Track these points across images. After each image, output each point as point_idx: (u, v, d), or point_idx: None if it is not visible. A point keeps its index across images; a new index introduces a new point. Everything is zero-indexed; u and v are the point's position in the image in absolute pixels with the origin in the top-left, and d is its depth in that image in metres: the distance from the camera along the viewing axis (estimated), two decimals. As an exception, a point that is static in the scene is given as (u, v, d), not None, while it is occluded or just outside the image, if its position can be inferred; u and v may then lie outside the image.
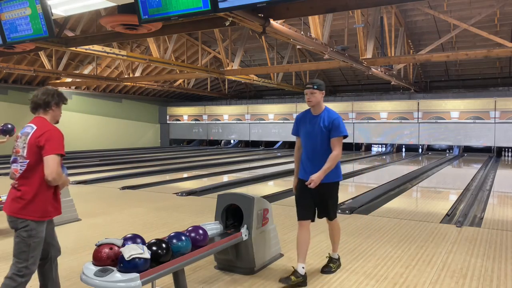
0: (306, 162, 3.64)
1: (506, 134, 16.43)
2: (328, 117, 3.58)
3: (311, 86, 3.57)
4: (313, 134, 3.59)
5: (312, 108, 3.66)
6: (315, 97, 3.58)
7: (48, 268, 2.82)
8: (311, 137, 3.61)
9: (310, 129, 3.63)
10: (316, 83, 3.59)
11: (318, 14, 8.35)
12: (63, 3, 6.41)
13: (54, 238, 2.89)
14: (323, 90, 3.63)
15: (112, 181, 9.65)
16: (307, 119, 3.70)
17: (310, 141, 3.62)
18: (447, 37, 12.86)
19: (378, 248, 4.47)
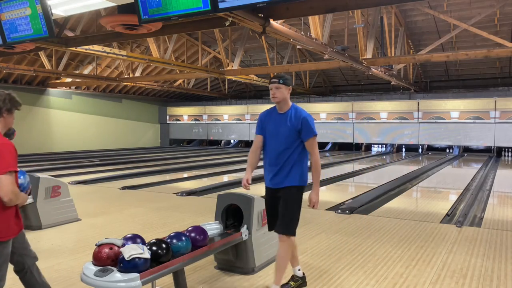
0: (268, 168, 3.27)
1: (506, 134, 16.43)
2: (296, 115, 3.20)
3: (277, 80, 3.21)
4: (278, 135, 3.21)
5: (278, 106, 3.27)
6: (280, 92, 3.20)
7: (29, 276, 2.72)
8: (275, 139, 3.23)
9: (274, 129, 3.25)
10: (282, 77, 3.24)
11: (318, 14, 8.35)
12: (63, 3, 6.41)
13: (27, 247, 2.75)
14: (290, 86, 3.27)
15: (112, 181, 9.65)
16: (272, 117, 3.31)
17: (274, 143, 3.23)
18: (447, 37, 12.85)
19: (378, 248, 4.47)
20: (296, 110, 3.25)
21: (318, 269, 3.82)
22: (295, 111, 3.24)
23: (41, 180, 5.32)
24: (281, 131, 3.21)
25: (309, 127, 3.17)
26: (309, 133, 3.17)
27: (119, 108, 22.19)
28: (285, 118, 3.22)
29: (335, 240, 4.77)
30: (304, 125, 3.16)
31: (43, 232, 5.14)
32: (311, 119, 3.21)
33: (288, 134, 3.18)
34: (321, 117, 20.32)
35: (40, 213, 5.23)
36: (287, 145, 3.19)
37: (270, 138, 3.27)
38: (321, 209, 6.44)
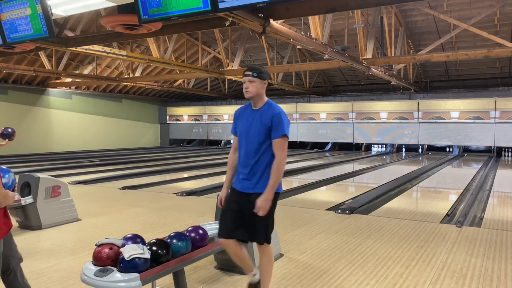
0: (239, 168, 3.00)
1: (506, 134, 16.43)
2: (268, 112, 2.90)
3: (251, 73, 2.92)
4: (248, 133, 2.94)
5: (252, 101, 2.99)
6: (254, 86, 2.91)
7: (12, 278, 2.70)
8: (246, 137, 2.96)
9: (246, 127, 2.97)
10: (256, 70, 2.94)
11: (318, 14, 8.35)
12: (63, 3, 6.42)
13: (13, 249, 2.74)
14: (266, 80, 2.96)
15: (112, 181, 9.65)
16: (245, 114, 3.03)
17: (245, 141, 2.96)
18: (447, 37, 12.86)
19: (378, 248, 4.47)
20: (270, 106, 2.95)
21: (318, 269, 3.82)
22: (268, 107, 2.94)
23: (41, 180, 5.32)
24: (252, 129, 2.92)
25: (279, 124, 2.84)
26: (278, 131, 2.83)
27: (119, 108, 22.19)
28: (258, 115, 2.93)
29: (335, 240, 4.77)
30: (275, 122, 2.84)
31: (43, 232, 5.14)
32: (285, 117, 2.89)
33: (259, 133, 2.88)
34: (321, 117, 20.32)
35: (40, 213, 5.23)
36: (258, 145, 2.89)
37: (241, 137, 3.01)
38: (321, 209, 6.44)
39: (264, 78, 2.95)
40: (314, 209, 6.41)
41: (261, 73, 2.93)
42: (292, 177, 11.17)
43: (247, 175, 2.92)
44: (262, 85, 2.94)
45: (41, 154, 16.79)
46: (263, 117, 2.89)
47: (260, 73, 2.93)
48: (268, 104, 2.96)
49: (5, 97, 17.17)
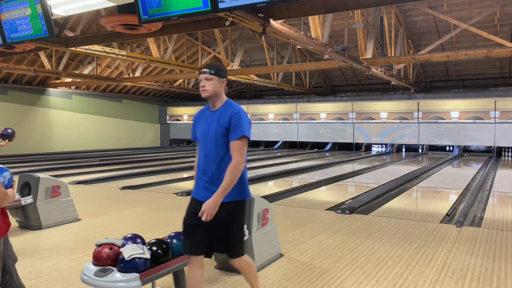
0: (199, 176, 2.76)
1: (506, 134, 16.43)
2: (226, 112, 2.69)
3: (207, 70, 2.71)
4: (207, 137, 2.72)
5: (210, 101, 2.79)
6: (211, 85, 2.70)
7: (8, 278, 2.69)
8: (204, 141, 2.74)
9: (204, 130, 2.75)
10: (214, 67, 2.74)
11: (318, 14, 8.34)
12: (63, 3, 6.42)
13: (9, 249, 2.73)
14: (224, 78, 2.77)
15: (112, 181, 9.65)
16: (203, 117, 2.82)
17: (203, 146, 2.74)
18: (447, 37, 12.86)
19: (378, 248, 4.47)
20: (228, 106, 2.74)
21: (318, 269, 3.82)
22: (227, 107, 2.73)
23: (41, 180, 5.32)
24: (211, 132, 2.70)
25: (239, 125, 2.62)
26: (237, 132, 2.61)
27: (119, 108, 22.19)
28: (217, 116, 2.72)
29: (335, 240, 4.77)
30: (233, 123, 2.63)
31: (43, 232, 5.14)
32: (245, 117, 2.68)
33: (218, 135, 2.66)
34: (321, 117, 20.32)
35: (40, 213, 5.23)
36: (218, 149, 2.66)
37: (201, 141, 2.77)
38: (321, 209, 6.44)
39: (222, 76, 2.75)
40: (314, 209, 6.42)
41: (219, 71, 2.74)
42: (292, 177, 11.17)
43: (207, 183, 2.68)
44: (220, 84, 2.74)
45: (41, 154, 16.80)
46: (222, 117, 2.68)
47: (217, 70, 2.73)
48: (227, 104, 2.76)
49: (5, 97, 17.18)
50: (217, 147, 2.66)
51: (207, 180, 2.68)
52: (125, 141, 22.37)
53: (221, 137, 2.65)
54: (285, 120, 21.22)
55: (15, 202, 5.05)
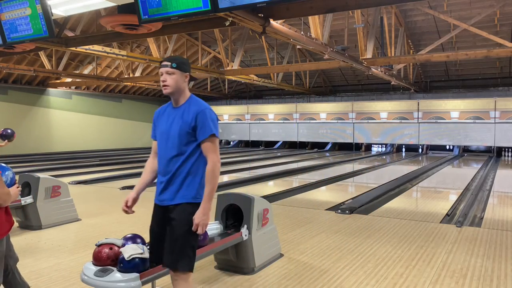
0: (159, 178, 2.56)
1: (506, 134, 16.43)
2: (190, 109, 2.48)
3: (169, 63, 2.48)
4: (169, 136, 2.50)
5: (172, 98, 2.56)
6: (173, 79, 2.48)
7: (11, 277, 2.70)
8: (165, 141, 2.51)
9: (165, 129, 2.53)
10: (175, 60, 2.50)
11: (318, 14, 8.34)
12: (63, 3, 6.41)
13: (11, 249, 2.74)
14: (188, 72, 2.53)
15: (112, 181, 9.65)
16: (165, 114, 2.61)
17: (165, 146, 2.52)
18: (447, 37, 12.86)
19: (378, 248, 4.47)
20: (193, 102, 2.52)
21: (318, 269, 3.82)
22: (190, 103, 2.52)
23: (41, 180, 5.32)
24: (172, 131, 2.49)
25: (206, 123, 2.43)
26: (206, 131, 2.43)
27: (119, 108, 22.18)
28: (180, 113, 2.51)
29: (335, 240, 4.77)
30: (200, 121, 2.43)
31: (43, 232, 5.14)
32: (211, 114, 2.48)
33: (180, 134, 2.46)
34: (321, 117, 20.32)
35: (40, 213, 5.24)
36: (178, 149, 2.46)
37: (161, 140, 2.55)
38: (321, 209, 6.44)
39: (185, 70, 2.52)
40: (314, 209, 6.42)
41: (182, 64, 2.51)
42: (292, 177, 11.17)
43: (166, 183, 2.48)
44: (183, 78, 2.51)
45: (41, 154, 16.79)
46: (185, 115, 2.47)
47: (180, 64, 2.50)
48: (191, 100, 2.54)
49: (5, 97, 17.17)
50: (180, 146, 2.46)
51: (166, 181, 2.48)
52: (125, 141, 22.37)
53: (185, 136, 2.45)
54: (285, 120, 21.22)
55: (15, 202, 5.06)
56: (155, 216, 2.59)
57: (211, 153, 2.44)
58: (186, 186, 2.45)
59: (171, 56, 2.56)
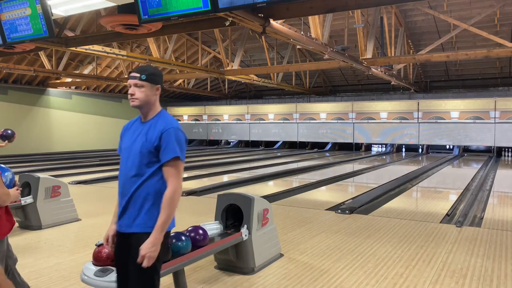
0: (119, 200, 2.31)
1: (506, 134, 16.43)
2: (156, 126, 2.23)
3: (138, 75, 2.24)
4: (130, 153, 2.25)
5: (140, 112, 2.34)
6: (142, 92, 2.25)
7: (11, 278, 2.69)
8: (126, 157, 2.27)
9: (129, 145, 2.28)
10: (145, 71, 2.25)
11: (318, 14, 8.34)
12: (63, 3, 6.42)
13: (10, 250, 2.73)
14: (159, 85, 2.30)
15: (112, 181, 9.64)
16: (131, 129, 2.36)
17: (125, 163, 2.27)
18: (447, 37, 12.86)
19: (378, 248, 4.47)
20: (161, 119, 2.26)
21: (318, 269, 3.82)
22: (159, 120, 2.26)
23: (41, 180, 5.32)
24: (134, 148, 2.23)
25: (170, 144, 2.17)
26: (168, 153, 2.16)
27: (119, 108, 22.18)
28: (145, 129, 2.26)
29: (335, 240, 4.77)
30: (164, 140, 2.17)
31: (43, 232, 5.14)
32: (178, 134, 2.21)
33: (141, 152, 2.19)
34: (321, 117, 20.32)
35: (40, 213, 5.23)
36: (138, 169, 2.20)
37: (122, 157, 2.31)
38: (321, 209, 6.44)
39: (156, 82, 2.28)
40: (314, 209, 6.41)
41: (152, 76, 2.27)
42: (292, 177, 11.17)
43: (123, 207, 2.24)
44: (153, 91, 2.28)
45: (41, 154, 16.79)
46: (150, 132, 2.22)
47: (150, 75, 2.26)
48: (160, 116, 2.29)
49: (5, 97, 17.18)
50: (140, 166, 2.20)
51: (124, 204, 2.24)
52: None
53: (147, 155, 2.19)
54: (285, 120, 21.22)
55: (16, 202, 5.05)
56: (116, 243, 2.32)
57: (172, 178, 2.19)
58: (145, 213, 2.19)
59: (141, 67, 2.31)
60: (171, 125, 2.21)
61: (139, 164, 2.20)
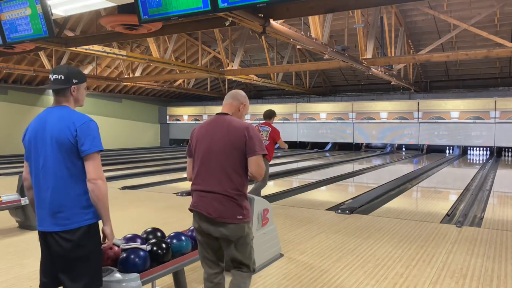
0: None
1: (506, 134, 16.43)
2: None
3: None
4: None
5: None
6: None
7: None
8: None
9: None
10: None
11: (318, 14, 8.34)
12: (63, 3, 6.41)
13: None
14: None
15: (112, 181, 9.65)
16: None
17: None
18: (447, 37, 12.85)
19: (378, 248, 4.47)
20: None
21: (318, 269, 3.82)
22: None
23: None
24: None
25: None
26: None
27: (119, 108, 22.18)
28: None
29: (335, 240, 4.77)
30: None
31: (43, 232, 5.13)
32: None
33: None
34: (321, 117, 20.32)
35: (40, 213, 5.22)
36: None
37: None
38: (321, 209, 6.44)
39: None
40: (314, 209, 6.41)
41: (69, 75, 2.39)
42: (292, 177, 11.17)
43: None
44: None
45: (41, 154, 16.76)
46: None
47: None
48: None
49: (5, 97, 17.18)
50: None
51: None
52: (125, 141, 22.36)
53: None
54: (285, 120, 21.21)
55: (15, 202, 5.05)
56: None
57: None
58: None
59: (57, 68, 2.41)
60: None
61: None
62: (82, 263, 2.24)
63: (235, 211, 2.47)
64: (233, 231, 2.47)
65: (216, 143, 2.52)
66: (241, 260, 2.58)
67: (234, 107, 2.67)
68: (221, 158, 2.49)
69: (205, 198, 2.50)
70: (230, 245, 2.52)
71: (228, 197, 2.46)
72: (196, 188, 2.57)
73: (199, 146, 2.59)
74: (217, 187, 2.47)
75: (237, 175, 2.48)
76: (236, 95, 2.71)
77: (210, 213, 2.46)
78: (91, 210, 2.36)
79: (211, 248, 2.58)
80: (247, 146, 2.46)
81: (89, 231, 2.30)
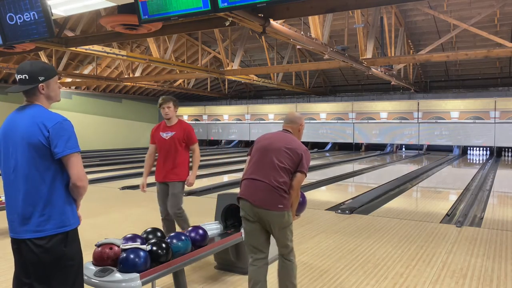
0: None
1: (506, 134, 16.44)
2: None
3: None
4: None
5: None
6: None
7: None
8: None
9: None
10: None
11: (318, 14, 8.33)
12: (63, 3, 6.41)
13: None
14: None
15: (112, 181, 9.65)
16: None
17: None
18: (447, 37, 12.85)
19: (378, 248, 4.47)
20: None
21: (318, 269, 3.82)
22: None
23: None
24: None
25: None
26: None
27: (119, 108, 22.18)
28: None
29: (335, 240, 4.77)
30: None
31: (43, 232, 5.13)
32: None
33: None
34: (321, 117, 20.32)
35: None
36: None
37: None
38: (321, 209, 6.44)
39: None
40: (314, 209, 6.41)
41: (32, 73, 2.24)
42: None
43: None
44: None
45: (41, 154, 16.77)
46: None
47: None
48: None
49: (5, 97, 17.18)
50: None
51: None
52: (125, 141, 22.36)
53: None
54: (285, 120, 21.21)
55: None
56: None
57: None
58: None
59: (21, 66, 2.27)
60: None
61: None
62: (59, 272, 2.13)
63: (277, 200, 2.88)
64: (276, 217, 2.88)
65: (273, 145, 3.04)
66: (283, 241, 2.97)
67: (294, 129, 3.37)
68: (275, 155, 2.96)
69: (253, 186, 2.90)
70: (274, 230, 2.91)
71: (273, 187, 2.87)
72: (246, 177, 2.96)
73: (256, 146, 3.12)
74: (266, 178, 2.89)
75: (285, 172, 2.97)
76: (293, 118, 3.36)
77: (255, 201, 2.85)
78: (67, 216, 2.20)
79: (256, 234, 2.93)
80: (300, 163, 3.05)
81: (66, 238, 2.19)
